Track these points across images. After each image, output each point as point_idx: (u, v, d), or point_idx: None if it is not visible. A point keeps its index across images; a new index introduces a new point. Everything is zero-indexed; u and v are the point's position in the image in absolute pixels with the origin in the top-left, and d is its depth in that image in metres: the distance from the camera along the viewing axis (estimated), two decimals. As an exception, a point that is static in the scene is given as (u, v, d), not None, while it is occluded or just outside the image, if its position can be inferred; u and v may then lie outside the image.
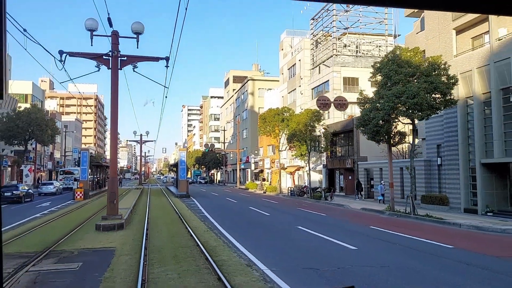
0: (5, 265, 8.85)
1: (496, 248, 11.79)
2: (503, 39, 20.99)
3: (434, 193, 25.80)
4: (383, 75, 20.40)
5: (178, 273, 8.09)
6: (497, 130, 20.86)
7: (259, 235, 13.86)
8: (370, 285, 7.59)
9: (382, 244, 12.21)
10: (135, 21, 15.49)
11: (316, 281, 7.75)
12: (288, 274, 8.09)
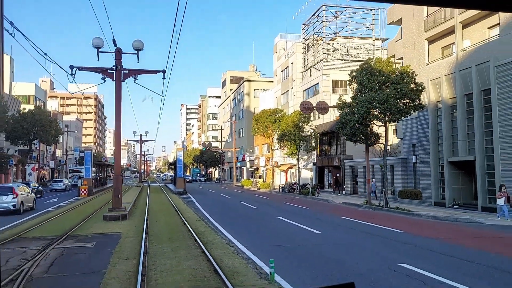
0: (33, 244, 11.22)
1: (434, 232, 14.14)
2: (466, 50, 23.34)
3: (410, 188, 28.17)
4: (358, 83, 22.76)
5: (172, 248, 10.44)
6: (462, 131, 23.23)
7: (242, 224, 16.21)
8: (318, 255, 9.94)
9: (344, 229, 14.58)
10: (136, 40, 17.79)
11: (277, 253, 10.09)
12: (257, 249, 10.42)
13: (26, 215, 19.03)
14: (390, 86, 21.96)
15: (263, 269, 8.14)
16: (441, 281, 7.54)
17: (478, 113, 22.00)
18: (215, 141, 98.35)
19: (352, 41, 48.38)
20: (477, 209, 21.89)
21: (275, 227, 15.04)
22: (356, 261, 9.29)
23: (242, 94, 79.39)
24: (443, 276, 7.77)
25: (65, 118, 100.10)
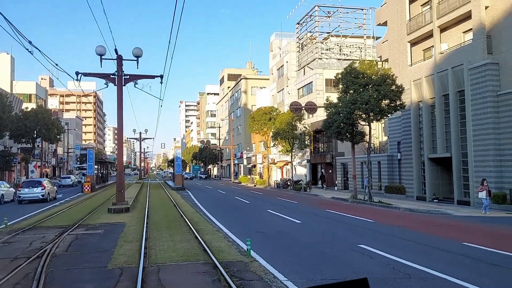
0: (50, 231, 12.94)
1: (402, 221, 15.89)
2: (444, 53, 25.01)
3: (395, 184, 29.90)
4: (343, 85, 24.44)
5: (169, 234, 12.18)
6: (440, 130, 24.95)
7: (233, 215, 17.94)
8: (293, 239, 11.67)
9: (323, 220, 16.33)
10: (135, 47, 19.46)
11: (258, 237, 11.82)
12: (242, 235, 12.14)
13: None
14: (372, 88, 23.65)
15: (243, 249, 9.86)
16: (386, 256, 9.27)
17: (454, 112, 23.71)
18: (214, 138, 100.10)
19: (344, 40, 50.00)
20: (454, 203, 23.64)
21: (262, 218, 16.79)
22: (323, 243, 11.04)
23: (239, 92, 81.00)
24: (391, 254, 9.49)
25: (65, 116, 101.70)
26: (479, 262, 8.81)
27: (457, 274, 7.65)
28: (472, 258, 9.23)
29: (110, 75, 19.35)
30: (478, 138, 21.90)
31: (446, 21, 24.76)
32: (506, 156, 20.74)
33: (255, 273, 7.68)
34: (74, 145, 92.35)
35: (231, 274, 7.45)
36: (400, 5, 29.48)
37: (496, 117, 21.18)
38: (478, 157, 21.92)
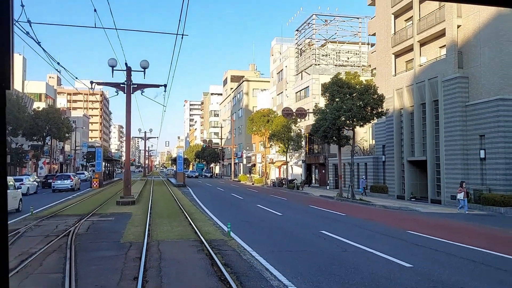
0: (70, 219, 15.56)
1: (370, 215, 18.39)
2: (422, 66, 27.47)
3: (379, 184, 32.38)
4: (329, 93, 26.96)
5: (168, 221, 14.77)
6: (418, 135, 27.41)
7: (225, 208, 20.52)
8: (270, 226, 14.23)
9: (302, 213, 18.87)
10: (143, 60, 22.04)
11: (242, 224, 14.38)
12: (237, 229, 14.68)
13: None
14: (355, 97, 26.16)
15: (226, 232, 12.42)
16: (337, 238, 11.80)
17: (429, 120, 26.16)
18: (217, 138, 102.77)
19: (341, 47, 52.47)
20: (428, 201, 26.11)
21: (250, 211, 19.37)
22: (292, 229, 13.60)
23: (241, 93, 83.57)
24: (342, 237, 12.01)
25: (73, 114, 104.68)
26: (408, 243, 11.33)
27: (385, 250, 10.15)
28: (404, 240, 11.76)
29: (120, 84, 21.98)
30: (449, 144, 24.35)
31: (425, 37, 27.21)
32: (471, 160, 23.19)
33: (231, 247, 10.26)
34: (82, 143, 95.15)
35: (212, 247, 10.02)
36: (387, 19, 31.93)
37: (464, 125, 23.63)
38: (448, 161, 24.38)
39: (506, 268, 8.63)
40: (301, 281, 7.29)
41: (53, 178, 35.21)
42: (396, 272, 8.14)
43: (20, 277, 7.44)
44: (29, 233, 12.36)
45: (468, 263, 9.10)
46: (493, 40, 22.32)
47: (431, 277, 7.76)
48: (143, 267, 7.91)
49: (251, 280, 7.30)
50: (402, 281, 7.50)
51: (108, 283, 7.03)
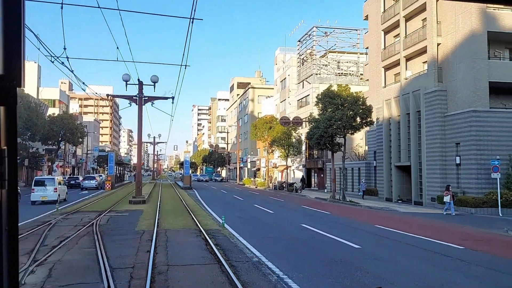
0: (91, 214, 18.30)
1: (352, 214, 20.90)
2: (408, 79, 29.95)
3: (371, 187, 34.79)
4: (322, 104, 29.55)
5: (174, 216, 17.46)
6: (404, 142, 29.85)
7: (225, 207, 23.15)
8: (260, 221, 16.83)
9: (292, 212, 21.45)
10: (153, 75, 24.84)
11: (236, 219, 17.00)
12: (228, 219, 17.33)
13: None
14: (345, 107, 28.72)
15: (227, 228, 15.05)
16: (313, 230, 14.37)
17: (414, 129, 28.62)
18: (223, 142, 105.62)
19: (342, 56, 55.08)
20: (411, 203, 28.52)
21: (246, 210, 22.01)
22: (278, 223, 16.22)
23: (247, 100, 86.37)
24: (318, 229, 14.57)
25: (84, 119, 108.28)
26: (369, 234, 13.87)
27: (345, 237, 12.70)
28: (367, 232, 14.31)
29: (133, 97, 24.79)
30: (429, 151, 26.79)
31: (410, 52, 29.71)
32: (449, 165, 25.61)
33: (223, 234, 12.91)
34: (93, 147, 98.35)
35: (208, 233, 12.67)
36: (378, 34, 34.49)
37: (442, 134, 26.07)
38: (429, 166, 26.81)
39: (430, 249, 11.15)
40: (269, 254, 9.90)
41: (81, 179, 43.99)
42: (345, 250, 10.72)
43: (64, 250, 10.15)
44: (60, 224, 15.10)
45: (405, 246, 11.65)
46: (467, 58, 24.79)
47: (371, 254, 10.32)
48: (153, 245, 10.59)
49: (233, 253, 9.93)
50: (343, 254, 10.09)
51: (129, 254, 9.71)
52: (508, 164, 23.61)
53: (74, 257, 9.44)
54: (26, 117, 40.94)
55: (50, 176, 35.96)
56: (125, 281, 7.28)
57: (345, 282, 7.70)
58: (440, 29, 26.95)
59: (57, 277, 7.64)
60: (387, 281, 7.71)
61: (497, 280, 8.17)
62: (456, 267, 9.13)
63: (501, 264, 9.60)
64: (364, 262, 9.39)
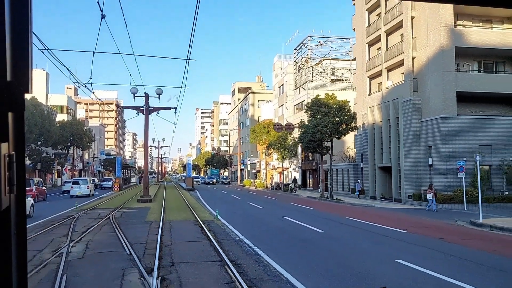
0: (106, 210, 21.41)
1: (334, 210, 23.89)
2: (388, 88, 32.95)
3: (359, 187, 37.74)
4: (310, 111, 32.60)
5: (177, 211, 20.55)
6: (385, 146, 32.82)
7: (223, 205, 26.18)
8: (250, 215, 19.88)
9: (280, 208, 24.49)
10: (158, 88, 27.99)
11: (230, 214, 20.04)
12: (221, 212, 20.38)
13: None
14: (332, 114, 31.76)
15: (220, 219, 18.09)
16: (292, 221, 17.38)
17: (393, 133, 31.59)
18: (226, 145, 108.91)
19: (336, 63, 58.13)
20: (392, 200, 31.47)
21: (240, 206, 25.08)
22: (265, 216, 19.27)
23: (247, 104, 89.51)
24: (297, 220, 17.56)
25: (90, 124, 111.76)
26: (336, 223, 16.88)
27: (315, 225, 15.69)
28: (336, 221, 17.33)
29: (140, 107, 27.95)
30: (406, 153, 29.76)
31: (390, 64, 32.72)
32: (423, 166, 28.57)
33: (216, 223, 15.97)
34: (99, 151, 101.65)
35: (204, 223, 15.73)
36: (363, 46, 37.52)
37: (417, 138, 29.04)
38: (406, 167, 29.77)
39: (378, 232, 14.16)
40: (249, 236, 12.93)
41: (100, 180, 55.30)
42: (310, 233, 13.76)
43: (92, 234, 13.25)
44: (82, 218, 18.20)
45: (360, 231, 14.68)
46: (438, 70, 27.77)
47: (329, 236, 13.34)
48: (160, 230, 13.66)
49: (221, 235, 12.99)
50: (307, 236, 13.13)
51: (141, 235, 12.79)
52: (473, 165, 26.53)
53: (101, 237, 12.55)
54: (40, 124, 44.13)
55: (83, 177, 47.89)
56: (141, 250, 10.36)
57: (300, 251, 10.74)
58: (415, 44, 29.94)
59: (92, 249, 10.74)
60: (331, 251, 10.75)
61: (412, 249, 11.12)
62: (388, 243, 12.14)
63: (424, 241, 12.58)
64: (321, 241, 12.42)
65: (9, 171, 0.95)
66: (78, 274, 7.92)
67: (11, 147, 0.96)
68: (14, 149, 0.97)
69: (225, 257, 9.25)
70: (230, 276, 7.67)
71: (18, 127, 0.98)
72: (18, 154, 0.98)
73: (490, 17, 29.92)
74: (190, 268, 8.45)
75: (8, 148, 0.96)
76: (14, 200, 0.98)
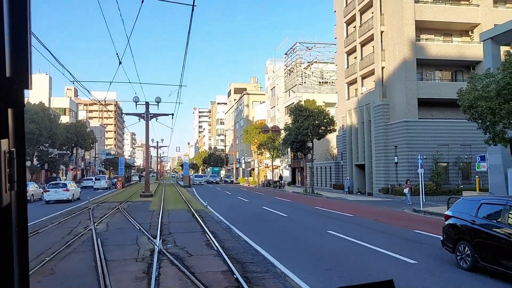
0: (114, 203, 25.36)
1: (308, 202, 27.83)
2: (363, 94, 36.90)
3: (339, 182, 41.76)
4: (293, 116, 36.55)
5: (174, 204, 24.52)
6: (361, 145, 36.79)
7: (214, 199, 30.11)
8: (237, 206, 23.83)
9: (263, 200, 28.45)
10: (157, 96, 31.88)
11: (218, 205, 23.99)
12: (212, 204, 24.28)
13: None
14: (311, 118, 35.71)
15: (209, 208, 22.01)
16: (269, 210, 21.32)
17: (367, 134, 35.55)
18: (222, 144, 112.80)
19: (325, 66, 62.06)
20: (366, 194, 35.45)
21: (229, 199, 29.05)
22: (248, 207, 23.25)
23: (242, 105, 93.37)
24: (272, 209, 21.48)
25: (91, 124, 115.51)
26: (302, 210, 20.84)
27: (285, 212, 19.61)
28: (304, 210, 21.30)
29: (141, 114, 31.85)
30: (377, 152, 33.73)
31: (364, 73, 36.67)
32: (390, 164, 32.54)
33: (205, 211, 19.94)
34: (100, 151, 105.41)
35: (195, 211, 19.68)
36: (343, 55, 41.47)
37: (385, 139, 33.00)
38: (377, 164, 33.75)
39: (331, 216, 18.12)
40: (229, 219, 16.86)
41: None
42: (278, 217, 17.73)
43: (108, 218, 17.19)
44: (96, 208, 22.12)
45: (317, 215, 18.64)
46: (402, 79, 31.72)
47: (291, 218, 17.29)
48: (160, 215, 17.61)
49: (207, 218, 16.95)
50: (275, 218, 17.10)
51: (146, 219, 16.74)
52: (432, 162, 30.55)
53: (116, 220, 16.52)
54: (49, 127, 47.97)
55: (102, 175, 60.22)
56: (147, 227, 14.30)
57: (262, 226, 14.69)
58: (384, 55, 33.89)
59: (112, 226, 14.68)
60: (285, 227, 14.68)
61: (345, 226, 15.02)
62: (332, 222, 16.08)
63: (360, 221, 16.49)
64: (281, 221, 16.39)
65: (10, 167, 0.95)
66: (107, 239, 11.86)
67: (11, 143, 0.96)
68: (14, 146, 0.96)
69: (206, 229, 13.23)
70: (208, 238, 11.65)
71: (18, 123, 0.97)
72: (18, 151, 0.97)
73: (451, 31, 33.88)
74: (181, 235, 12.41)
75: (8, 145, 0.95)
76: (15, 197, 0.97)
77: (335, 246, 11.00)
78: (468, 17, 32.53)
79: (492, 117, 14.46)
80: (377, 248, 10.37)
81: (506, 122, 14.74)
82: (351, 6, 39.14)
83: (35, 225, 14.93)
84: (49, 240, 11.72)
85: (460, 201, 9.16)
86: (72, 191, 27.90)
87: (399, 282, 7.20)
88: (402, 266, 8.57)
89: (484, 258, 7.67)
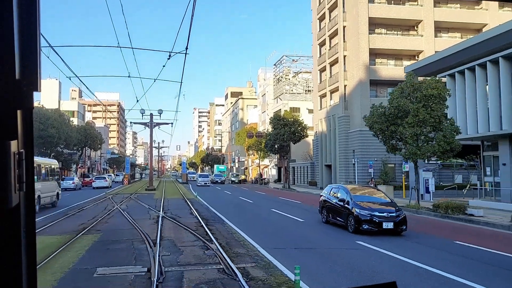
0: (126, 195, 32.71)
1: (284, 195, 35.07)
2: (331, 106, 44.18)
3: (313, 180, 49.05)
4: (273, 124, 43.85)
5: (172, 195, 31.86)
6: (328, 149, 44.06)
7: (206, 193, 37.31)
8: (222, 198, 31.16)
9: (244, 193, 35.75)
10: (159, 109, 39.18)
11: (206, 196, 31.27)
12: (203, 196, 31.52)
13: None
14: (287, 126, 42.99)
15: (198, 198, 29.27)
16: (245, 200, 28.62)
17: (333, 140, 42.83)
18: (220, 144, 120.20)
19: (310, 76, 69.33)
20: (332, 190, 42.74)
21: (216, 193, 36.41)
22: (229, 198, 30.61)
23: (238, 109, 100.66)
24: (248, 199, 28.75)
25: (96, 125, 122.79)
26: (269, 200, 28.13)
27: (255, 201, 26.87)
28: (271, 200, 28.60)
29: (147, 123, 39.17)
30: (340, 156, 41.00)
31: (332, 88, 43.94)
32: (349, 165, 39.83)
33: (196, 200, 27.29)
34: (105, 150, 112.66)
35: (188, 199, 27.00)
36: (316, 72, 48.74)
37: (346, 144, 40.28)
38: (340, 165, 41.03)
39: (287, 204, 25.43)
40: (212, 204, 24.14)
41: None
42: (247, 203, 25.09)
43: (125, 203, 24.53)
44: (113, 198, 29.37)
45: (276, 202, 25.96)
46: (358, 96, 38.97)
47: (255, 204, 24.58)
48: (162, 202, 24.93)
49: (195, 204, 24.26)
50: (244, 205, 24.47)
51: (152, 203, 24.08)
52: (381, 164, 37.83)
53: (131, 203, 23.88)
54: (67, 131, 55.31)
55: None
56: (153, 207, 21.63)
57: (232, 209, 21.97)
58: (346, 75, 41.16)
59: (130, 207, 22.02)
60: (246, 208, 21.96)
61: (287, 207, 22.22)
62: (280, 205, 23.32)
63: (301, 205, 23.68)
64: (247, 205, 23.72)
65: (19, 168, 0.95)
66: (129, 212, 19.13)
67: (20, 144, 0.96)
68: (23, 147, 0.97)
69: (193, 209, 20.59)
70: (192, 212, 19.00)
71: (27, 125, 0.98)
72: (27, 152, 0.98)
73: (401, 55, 41.12)
74: (176, 210, 19.74)
75: (17, 146, 0.96)
76: (24, 197, 0.97)
77: (269, 215, 18.32)
78: (414, 45, 39.82)
79: (382, 136, 21.69)
80: (290, 216, 17.70)
81: (397, 138, 21.97)
82: (322, 32, 46.43)
83: (81, 205, 22.41)
84: (94, 213, 19.05)
85: (327, 187, 16.49)
86: (109, 181, 42.58)
87: (295, 230, 14.40)
88: (297, 223, 15.89)
89: (330, 216, 15.00)
